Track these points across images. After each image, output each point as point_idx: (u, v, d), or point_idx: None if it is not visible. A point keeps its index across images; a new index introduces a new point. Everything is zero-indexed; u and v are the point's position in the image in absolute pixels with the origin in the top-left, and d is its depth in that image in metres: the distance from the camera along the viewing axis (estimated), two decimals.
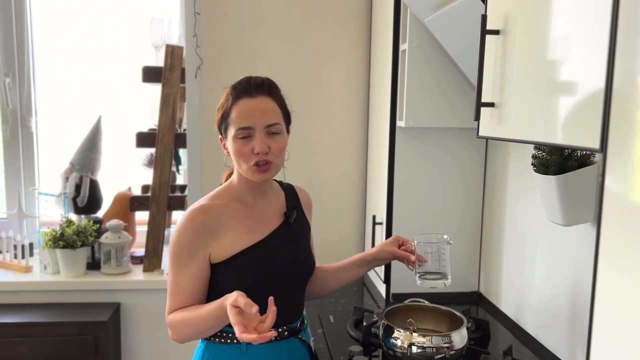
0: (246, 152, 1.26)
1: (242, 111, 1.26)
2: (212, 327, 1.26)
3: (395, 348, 1.40)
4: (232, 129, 1.27)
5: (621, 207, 0.77)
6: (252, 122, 1.25)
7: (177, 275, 1.30)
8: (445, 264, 1.44)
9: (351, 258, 1.52)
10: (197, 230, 1.28)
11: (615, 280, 0.78)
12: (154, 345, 2.35)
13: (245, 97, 1.27)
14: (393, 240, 1.49)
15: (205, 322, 1.24)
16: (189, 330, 1.28)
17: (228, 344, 1.31)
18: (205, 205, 1.31)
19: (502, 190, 1.86)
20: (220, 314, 1.19)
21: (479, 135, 1.25)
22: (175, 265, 1.30)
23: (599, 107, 0.81)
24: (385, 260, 1.50)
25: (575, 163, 1.26)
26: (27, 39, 2.43)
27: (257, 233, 1.33)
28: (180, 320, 1.28)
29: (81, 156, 2.39)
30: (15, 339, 2.08)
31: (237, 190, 1.35)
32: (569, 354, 1.45)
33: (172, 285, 1.32)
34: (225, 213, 1.31)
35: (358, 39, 2.37)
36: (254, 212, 1.35)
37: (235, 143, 1.27)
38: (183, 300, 1.30)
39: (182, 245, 1.28)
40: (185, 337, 1.30)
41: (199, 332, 1.29)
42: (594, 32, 0.83)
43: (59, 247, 2.23)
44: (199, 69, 2.28)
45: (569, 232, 1.42)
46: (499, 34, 1.14)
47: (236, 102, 1.28)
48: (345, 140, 2.41)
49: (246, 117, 1.26)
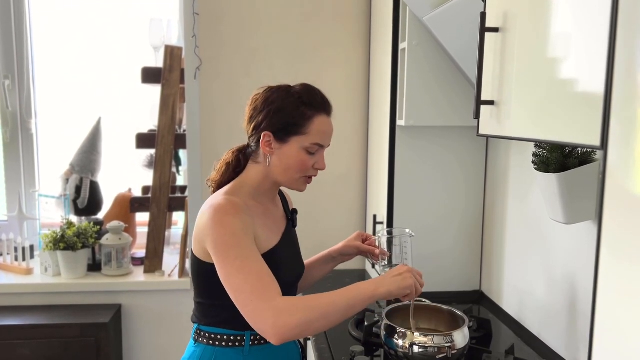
0: (309, 165, 1.30)
1: (324, 129, 1.30)
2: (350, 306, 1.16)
3: (397, 348, 1.39)
4: (304, 140, 1.28)
5: (622, 205, 0.76)
6: (327, 142, 1.32)
7: (246, 260, 1.16)
8: (408, 257, 1.47)
9: (318, 255, 1.54)
10: (241, 217, 1.22)
11: (617, 278, 0.78)
12: (155, 346, 2.35)
13: (324, 114, 1.31)
14: (357, 235, 1.52)
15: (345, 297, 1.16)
16: (321, 311, 1.13)
17: (230, 347, 1.29)
18: (231, 199, 1.26)
19: (503, 188, 1.85)
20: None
21: (479, 133, 1.24)
22: (235, 253, 1.17)
23: (599, 104, 0.81)
24: (351, 255, 1.52)
25: (576, 161, 1.26)
26: (26, 41, 2.42)
27: (276, 234, 1.35)
28: (311, 298, 1.15)
29: (81, 158, 2.39)
30: (17, 342, 2.08)
31: (255, 189, 1.34)
32: (571, 353, 1.45)
33: (254, 273, 1.15)
34: (250, 209, 1.29)
35: (357, 38, 2.36)
36: (268, 212, 1.37)
37: (301, 154, 1.29)
38: (272, 279, 1.16)
39: (235, 231, 1.19)
40: (307, 319, 1.11)
41: (334, 311, 1.15)
42: (594, 28, 0.83)
43: (59, 249, 2.23)
44: (198, 69, 2.28)
45: (570, 230, 1.42)
46: (499, 32, 1.14)
47: (317, 116, 1.29)
48: (346, 139, 2.41)
49: (326, 136, 1.31)
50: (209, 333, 1.30)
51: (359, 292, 1.17)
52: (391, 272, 1.24)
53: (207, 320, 1.31)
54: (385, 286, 1.19)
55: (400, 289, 1.20)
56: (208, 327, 1.31)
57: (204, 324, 1.31)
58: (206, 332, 1.31)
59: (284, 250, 1.34)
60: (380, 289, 1.18)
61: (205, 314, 1.31)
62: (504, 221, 1.85)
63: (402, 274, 1.22)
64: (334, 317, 1.14)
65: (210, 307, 1.30)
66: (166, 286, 2.30)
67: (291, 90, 1.31)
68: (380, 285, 1.19)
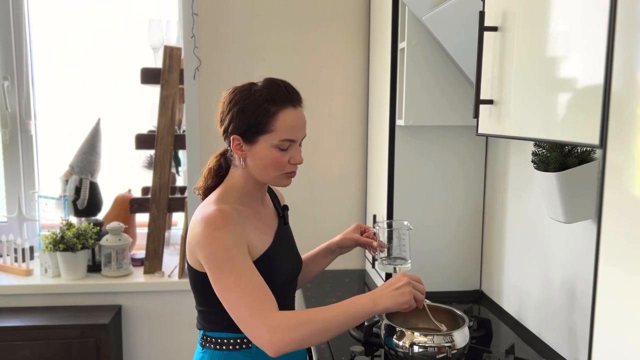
0: (284, 162, 1.26)
1: (290, 123, 1.24)
2: (347, 321, 1.16)
3: (397, 348, 1.39)
4: (272, 138, 1.24)
5: (622, 203, 0.76)
6: (298, 136, 1.26)
7: (241, 275, 1.16)
8: (406, 249, 1.47)
9: (316, 249, 1.53)
10: (233, 229, 1.20)
11: (616, 277, 0.78)
12: (155, 347, 2.35)
13: (289, 107, 1.25)
14: (355, 227, 1.51)
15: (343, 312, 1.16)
16: (317, 327, 1.14)
17: (237, 350, 1.28)
18: (222, 208, 1.24)
19: (502, 187, 1.85)
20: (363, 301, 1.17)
21: (478, 132, 1.24)
22: (230, 268, 1.17)
23: (598, 102, 0.80)
24: (349, 247, 1.51)
25: (576, 159, 1.25)
26: (25, 42, 2.42)
27: (268, 235, 1.33)
28: (308, 313, 1.16)
29: (81, 159, 2.38)
30: (17, 343, 2.08)
31: (242, 193, 1.32)
32: (571, 352, 1.44)
33: (249, 288, 1.15)
34: (241, 214, 1.27)
35: (357, 38, 2.36)
36: (259, 213, 1.35)
37: (273, 152, 1.24)
38: (267, 294, 1.16)
39: (227, 245, 1.18)
40: (304, 335, 1.13)
41: (330, 327, 1.15)
42: (593, 27, 0.82)
43: (59, 250, 2.23)
44: (197, 70, 2.28)
45: (570, 229, 1.42)
46: (497, 31, 1.14)
47: (281, 111, 1.24)
48: (345, 139, 2.41)
49: (294, 129, 1.25)
50: (215, 338, 1.29)
51: (357, 309, 1.17)
52: (389, 285, 1.21)
53: (211, 327, 1.30)
54: (383, 304, 1.18)
55: (397, 304, 1.19)
56: (213, 332, 1.30)
57: (209, 330, 1.31)
58: (212, 337, 1.30)
59: (279, 249, 1.33)
60: (377, 306, 1.18)
61: (208, 321, 1.30)
62: (503, 220, 1.84)
63: (400, 287, 1.20)
64: (330, 333, 1.16)
65: (213, 314, 1.28)
66: (166, 287, 2.30)
67: (253, 87, 1.27)
68: (377, 302, 1.18)
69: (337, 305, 1.17)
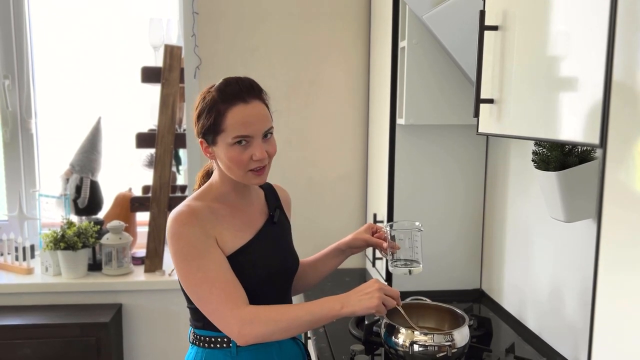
0: (245, 160, 1.23)
1: (240, 119, 1.22)
2: (314, 319, 1.20)
3: (397, 347, 1.39)
4: (226, 137, 1.22)
5: (622, 203, 0.76)
6: (251, 131, 1.22)
7: (208, 271, 1.20)
8: (418, 251, 1.44)
9: (327, 249, 1.52)
10: (199, 224, 1.23)
11: (616, 276, 0.78)
12: (155, 346, 2.35)
13: (239, 103, 1.22)
14: (366, 227, 1.49)
15: (308, 311, 1.20)
16: (283, 325, 1.19)
17: (218, 349, 1.30)
18: (192, 204, 1.27)
19: (503, 187, 1.85)
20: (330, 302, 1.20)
21: (478, 132, 1.24)
22: (197, 265, 1.20)
23: (599, 102, 0.80)
24: (360, 247, 1.50)
25: (576, 159, 1.26)
26: (26, 41, 2.42)
27: (246, 232, 1.32)
28: (277, 310, 1.20)
29: (81, 157, 2.39)
30: (18, 341, 2.08)
31: (219, 192, 1.32)
32: (571, 351, 1.45)
33: (217, 284, 1.20)
34: (214, 212, 1.28)
35: (357, 37, 2.36)
36: (238, 212, 1.34)
37: (231, 150, 1.23)
38: (236, 288, 1.21)
39: (192, 241, 1.21)
40: (269, 331, 1.19)
41: (296, 324, 1.20)
42: (593, 26, 0.82)
43: (60, 248, 2.23)
44: (198, 68, 2.28)
45: (570, 228, 1.42)
46: (498, 30, 1.14)
47: (230, 108, 1.22)
48: (346, 138, 2.41)
49: (245, 125, 1.22)
50: (200, 335, 1.31)
51: (324, 310, 1.20)
52: (361, 289, 1.23)
53: (198, 324, 1.32)
54: (350, 306, 1.20)
55: (364, 308, 1.20)
56: (199, 329, 1.32)
57: (196, 327, 1.33)
58: (198, 334, 1.32)
59: (260, 246, 1.32)
60: (345, 309, 1.20)
61: (195, 318, 1.32)
62: (504, 219, 1.84)
63: (370, 292, 1.21)
64: (296, 331, 1.21)
65: (197, 311, 1.28)
66: (166, 285, 2.30)
67: (209, 89, 1.28)
68: (346, 304, 1.20)
69: (306, 304, 1.22)
